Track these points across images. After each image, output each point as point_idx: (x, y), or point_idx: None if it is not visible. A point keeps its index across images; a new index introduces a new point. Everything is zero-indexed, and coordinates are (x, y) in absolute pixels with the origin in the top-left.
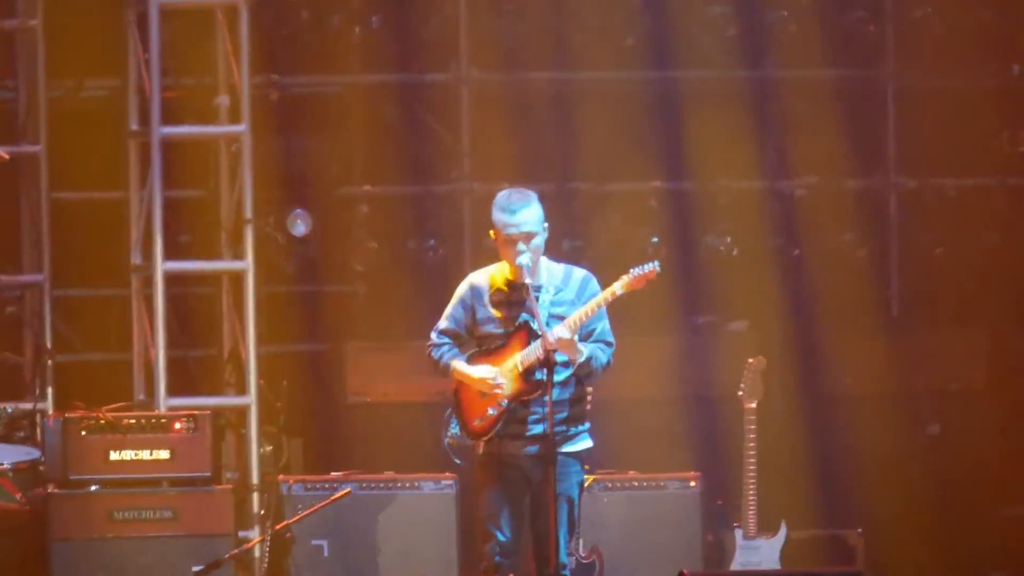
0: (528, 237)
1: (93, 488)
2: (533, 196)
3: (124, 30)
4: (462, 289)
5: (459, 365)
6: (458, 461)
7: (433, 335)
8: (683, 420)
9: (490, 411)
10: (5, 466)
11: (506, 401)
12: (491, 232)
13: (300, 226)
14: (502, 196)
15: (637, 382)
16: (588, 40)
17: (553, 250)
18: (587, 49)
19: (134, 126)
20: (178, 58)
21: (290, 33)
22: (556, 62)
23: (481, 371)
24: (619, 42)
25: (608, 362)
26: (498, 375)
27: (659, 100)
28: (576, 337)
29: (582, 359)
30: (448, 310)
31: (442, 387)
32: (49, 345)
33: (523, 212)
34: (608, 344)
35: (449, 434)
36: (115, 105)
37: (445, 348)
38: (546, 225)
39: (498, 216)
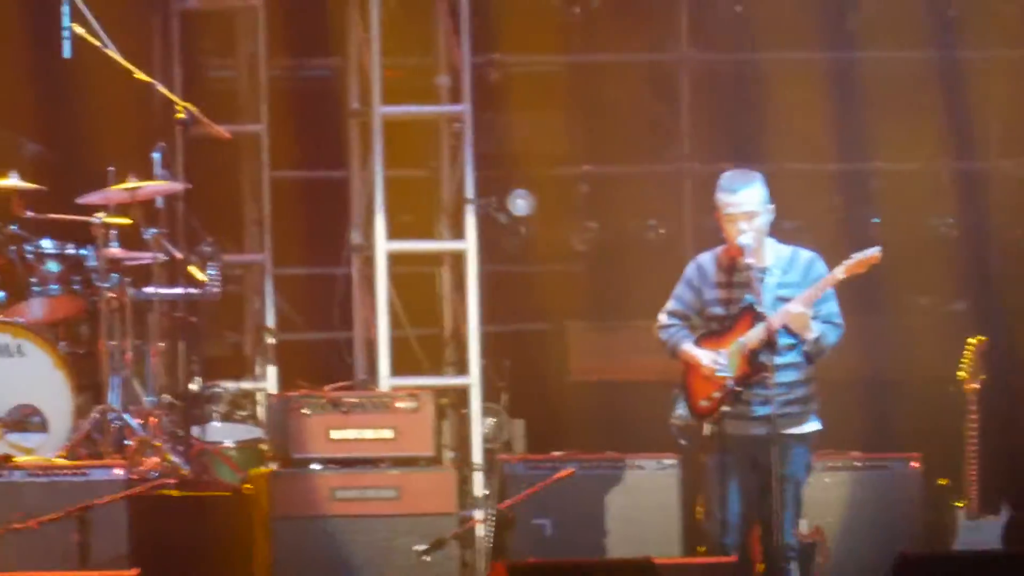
0: (749, 216)
1: (315, 467)
2: (757, 177)
3: (344, 9)
4: (689, 270)
5: (686, 346)
6: (683, 441)
7: (662, 316)
8: (904, 400)
9: (715, 393)
10: (228, 445)
11: (731, 383)
12: (715, 211)
13: (521, 205)
14: (725, 176)
15: (857, 362)
16: (806, 19)
17: (774, 230)
18: (805, 28)
19: (355, 105)
20: (398, 37)
21: (510, 12)
22: (775, 42)
23: (705, 353)
24: (837, 22)
25: (836, 342)
26: (722, 357)
27: (875, 81)
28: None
29: (812, 336)
30: (676, 291)
31: (663, 367)
32: (271, 324)
33: (744, 192)
34: (836, 325)
35: (675, 414)
36: (335, 84)
37: (673, 329)
38: (771, 207)
39: (720, 195)
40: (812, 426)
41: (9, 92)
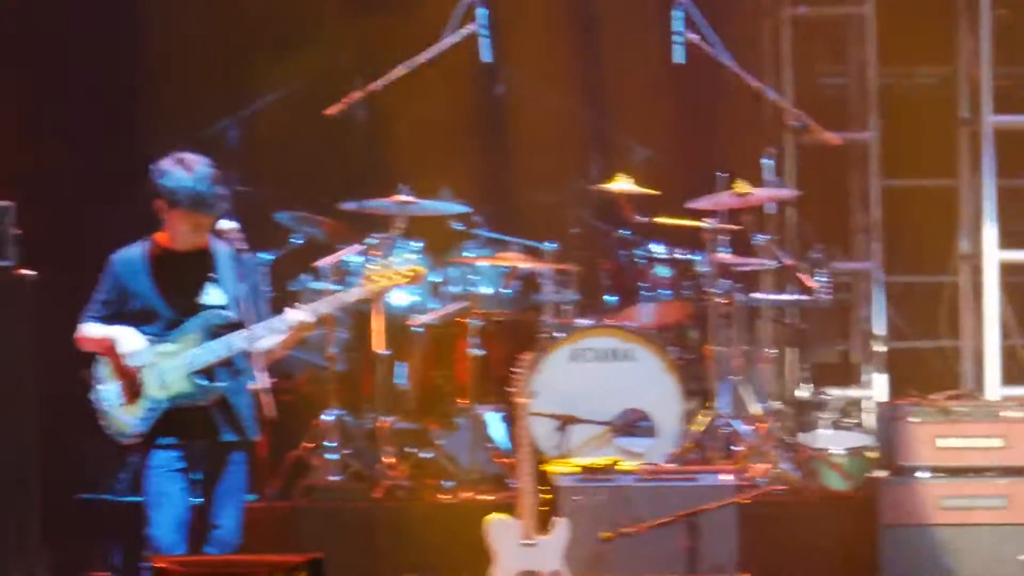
0: None
1: (921, 475)
2: None
3: (953, 18)
4: None
5: None
6: None
7: None
8: None
9: None
10: (837, 452)
11: None
12: None
13: None
14: None
15: None
16: None
17: None
18: None
19: (964, 114)
20: (1007, 47)
21: None
22: None
23: None
24: None
25: None
26: None
27: None
28: None
29: None
30: None
31: None
32: (879, 332)
33: None
34: None
35: None
36: (945, 92)
37: None
38: None
39: None
40: None
41: (623, 98)
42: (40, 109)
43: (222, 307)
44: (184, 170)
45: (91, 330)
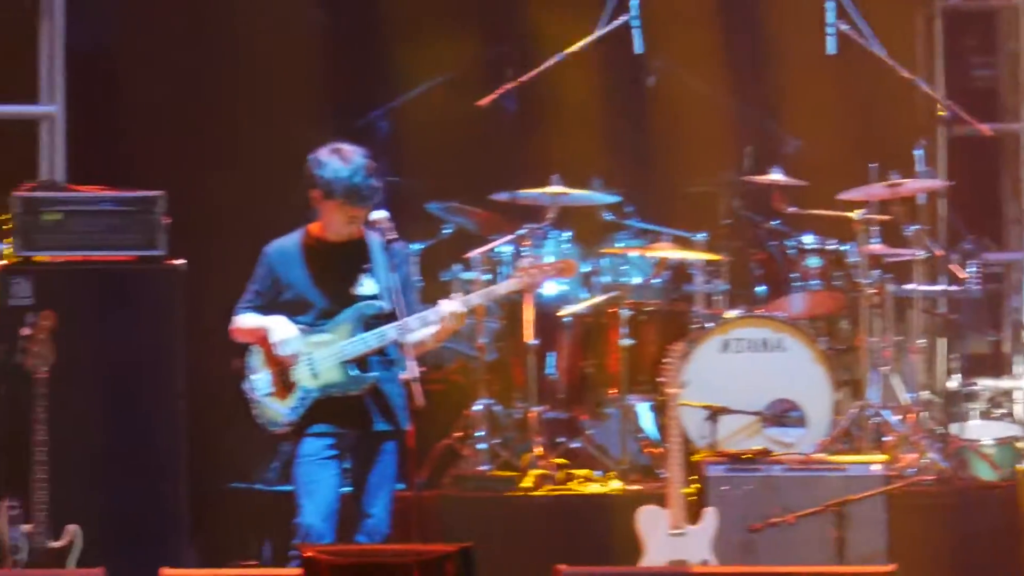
0: None
1: None
2: None
3: None
4: None
5: None
6: None
7: None
8: None
9: None
10: (986, 442)
11: None
12: None
13: None
14: None
15: None
16: None
17: None
18: None
19: None
20: None
21: None
22: None
23: None
24: None
25: None
26: None
27: None
28: None
29: None
30: None
31: None
32: None
33: None
34: None
35: None
36: None
37: None
38: None
39: None
40: None
41: (774, 88)
42: (192, 102)
43: (375, 297)
44: (341, 161)
45: (245, 320)
